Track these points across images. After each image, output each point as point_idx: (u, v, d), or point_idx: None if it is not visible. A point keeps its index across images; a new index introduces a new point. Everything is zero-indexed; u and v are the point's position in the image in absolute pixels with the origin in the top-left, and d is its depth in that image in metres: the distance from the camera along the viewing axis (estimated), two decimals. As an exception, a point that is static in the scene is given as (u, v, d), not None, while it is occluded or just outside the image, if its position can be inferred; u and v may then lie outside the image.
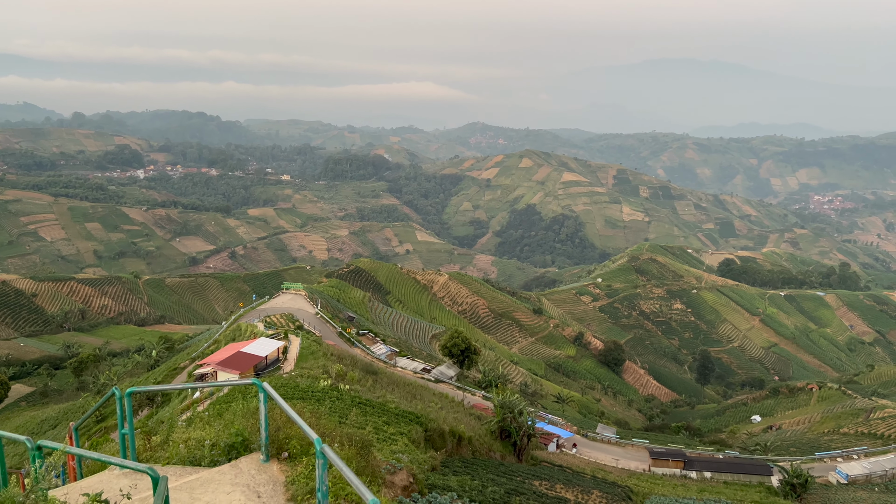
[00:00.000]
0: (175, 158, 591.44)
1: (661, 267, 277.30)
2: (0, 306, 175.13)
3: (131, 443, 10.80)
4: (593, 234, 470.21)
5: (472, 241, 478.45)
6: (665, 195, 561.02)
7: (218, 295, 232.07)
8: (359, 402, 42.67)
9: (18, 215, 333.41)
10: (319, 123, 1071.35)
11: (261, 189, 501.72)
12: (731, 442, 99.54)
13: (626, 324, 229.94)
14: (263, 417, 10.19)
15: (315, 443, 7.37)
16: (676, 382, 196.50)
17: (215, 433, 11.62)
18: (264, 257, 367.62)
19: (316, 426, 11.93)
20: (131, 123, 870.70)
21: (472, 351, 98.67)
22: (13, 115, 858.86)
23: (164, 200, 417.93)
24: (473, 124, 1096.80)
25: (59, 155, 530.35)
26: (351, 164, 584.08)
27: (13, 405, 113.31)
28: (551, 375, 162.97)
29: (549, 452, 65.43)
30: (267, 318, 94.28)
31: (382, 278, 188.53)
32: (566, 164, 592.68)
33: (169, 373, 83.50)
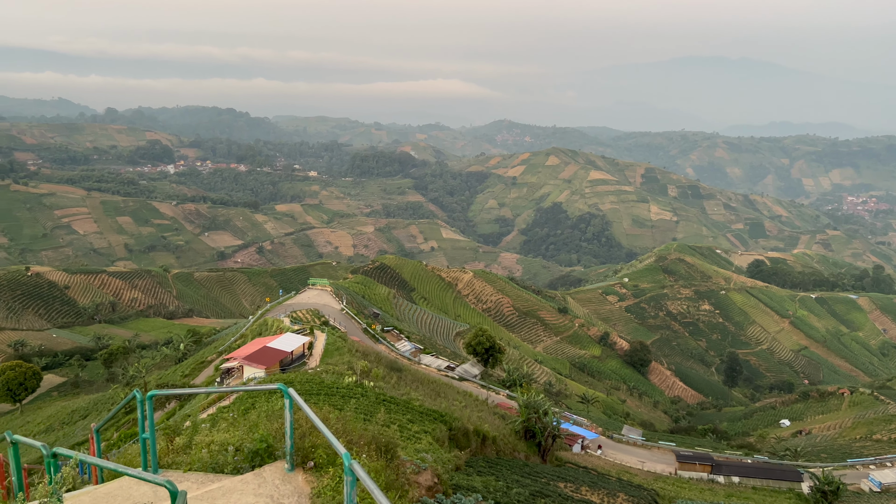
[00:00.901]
0: (205, 154, 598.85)
1: (689, 267, 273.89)
2: (34, 298, 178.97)
3: (152, 448, 10.47)
4: (620, 233, 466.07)
5: (498, 239, 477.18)
6: (694, 194, 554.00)
7: (245, 289, 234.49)
8: (383, 400, 42.64)
9: (53, 209, 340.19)
10: (347, 120, 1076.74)
11: (288, 185, 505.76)
12: (760, 446, 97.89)
13: (653, 324, 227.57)
14: (289, 425, 9.81)
15: (343, 458, 7.02)
16: (703, 384, 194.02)
17: (239, 437, 11.35)
18: (291, 253, 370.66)
19: (343, 432, 11.51)
20: (162, 119, 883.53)
21: (497, 349, 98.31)
22: (48, 110, 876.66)
23: (194, 195, 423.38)
24: (500, 122, 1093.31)
25: (92, 150, 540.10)
26: (377, 160, 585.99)
27: (45, 395, 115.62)
28: (576, 375, 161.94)
29: (573, 453, 64.90)
30: (293, 313, 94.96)
31: (407, 275, 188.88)
32: (593, 162, 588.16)
33: (196, 366, 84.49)
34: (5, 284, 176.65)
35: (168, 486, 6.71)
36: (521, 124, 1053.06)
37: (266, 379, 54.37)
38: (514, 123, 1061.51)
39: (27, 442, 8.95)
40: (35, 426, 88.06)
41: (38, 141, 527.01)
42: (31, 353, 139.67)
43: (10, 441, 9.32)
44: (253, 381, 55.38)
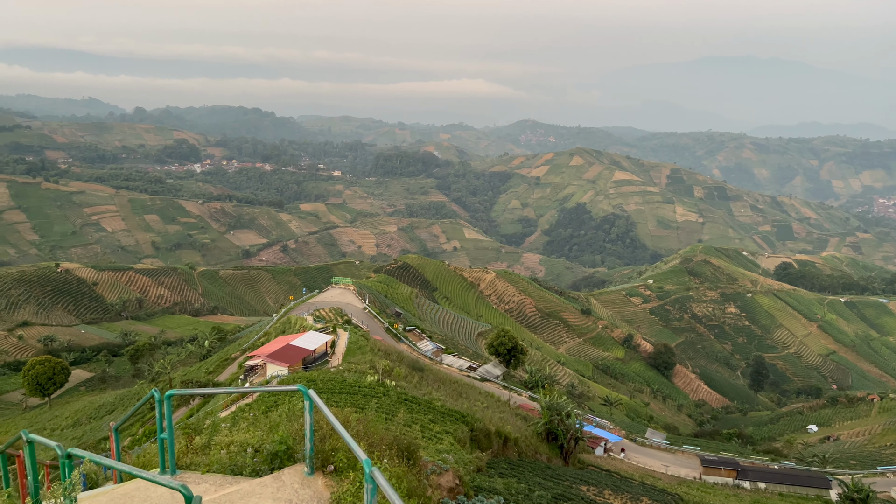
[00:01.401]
0: (231, 153, 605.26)
1: (715, 269, 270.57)
2: (63, 294, 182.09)
3: (170, 448, 10.31)
4: (645, 234, 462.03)
5: (520, 240, 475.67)
6: (720, 196, 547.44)
7: (269, 287, 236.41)
8: (405, 399, 42.57)
9: (82, 206, 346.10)
10: (371, 120, 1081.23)
11: (313, 184, 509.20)
12: (787, 452, 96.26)
13: (678, 327, 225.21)
14: (309, 427, 9.60)
15: (364, 465, 6.84)
16: (728, 388, 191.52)
17: (259, 438, 11.15)
18: (315, 251, 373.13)
19: (363, 434, 11.27)
20: (189, 118, 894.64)
21: (519, 350, 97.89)
22: (79, 109, 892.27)
23: (220, 194, 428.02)
24: (524, 121, 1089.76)
25: (120, 149, 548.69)
26: (401, 160, 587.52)
27: (73, 389, 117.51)
28: (599, 377, 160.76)
29: (596, 456, 64.32)
30: (316, 311, 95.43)
31: (429, 275, 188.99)
32: (618, 162, 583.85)
33: (220, 363, 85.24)
34: (36, 281, 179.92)
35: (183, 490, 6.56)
36: (545, 124, 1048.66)
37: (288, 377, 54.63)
38: (538, 123, 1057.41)
39: (43, 441, 8.71)
40: (63, 420, 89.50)
41: (69, 140, 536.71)
42: (59, 349, 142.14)
43: (26, 440, 9.17)
44: (276, 378, 55.68)
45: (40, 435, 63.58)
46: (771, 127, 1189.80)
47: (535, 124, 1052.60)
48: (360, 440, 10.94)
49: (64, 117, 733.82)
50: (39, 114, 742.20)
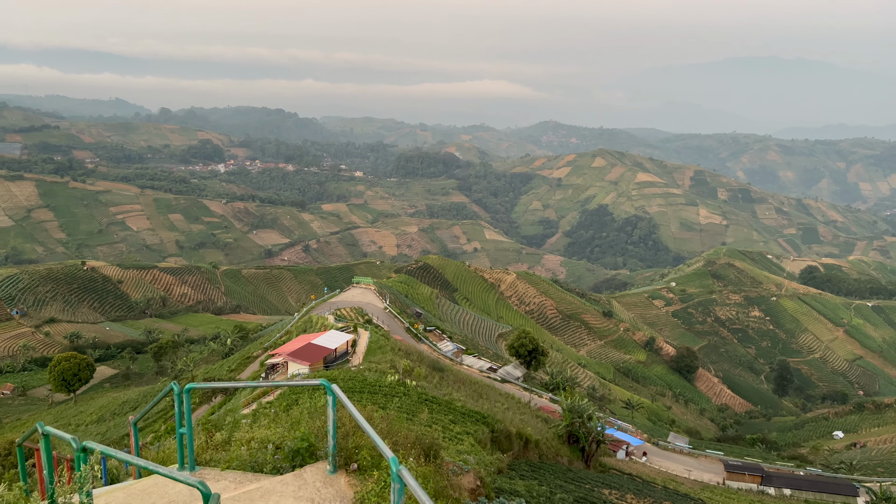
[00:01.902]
0: (254, 153, 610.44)
1: (739, 272, 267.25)
2: (89, 291, 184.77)
3: (189, 444, 10.11)
4: (667, 236, 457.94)
5: (541, 241, 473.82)
6: (744, 198, 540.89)
7: (291, 287, 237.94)
8: (425, 400, 42.46)
9: (108, 205, 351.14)
10: (392, 121, 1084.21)
11: (334, 185, 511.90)
12: (813, 458, 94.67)
13: (700, 330, 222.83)
14: (331, 424, 9.32)
15: (391, 463, 6.61)
16: (752, 393, 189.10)
17: (280, 434, 10.93)
18: (336, 251, 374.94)
19: (387, 432, 11.03)
20: (214, 119, 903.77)
21: (540, 352, 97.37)
22: (106, 110, 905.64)
23: (243, 194, 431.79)
24: (545, 123, 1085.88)
25: (146, 148, 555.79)
26: (422, 161, 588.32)
27: (98, 386, 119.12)
28: (620, 380, 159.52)
29: (617, 460, 63.72)
30: (337, 310, 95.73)
31: (450, 275, 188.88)
32: (641, 163, 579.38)
33: (242, 361, 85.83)
34: (62, 278, 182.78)
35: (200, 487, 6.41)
36: (567, 125, 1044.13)
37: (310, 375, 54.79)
38: (559, 124, 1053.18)
39: (58, 434, 8.44)
40: (88, 416, 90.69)
41: (96, 140, 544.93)
42: (85, 345, 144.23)
43: (42, 433, 8.98)
44: (297, 376, 55.89)
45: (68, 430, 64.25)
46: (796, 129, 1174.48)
47: (557, 125, 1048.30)
48: (385, 438, 10.66)
49: (91, 117, 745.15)
50: (67, 114, 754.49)
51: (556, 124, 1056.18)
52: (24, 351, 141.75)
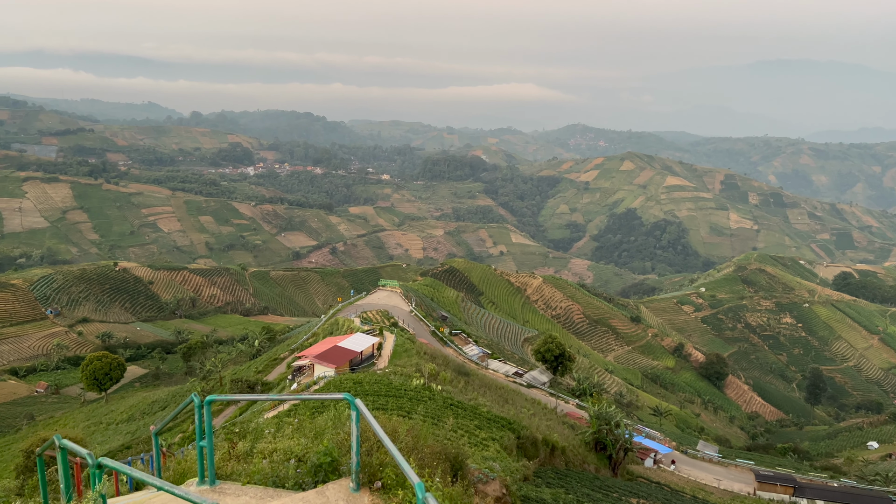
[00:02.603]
0: (283, 156, 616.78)
1: (771, 278, 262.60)
2: (121, 292, 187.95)
3: (209, 456, 9.76)
4: (697, 241, 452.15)
5: (568, 245, 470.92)
6: (776, 202, 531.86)
7: (318, 289, 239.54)
8: (451, 404, 42.25)
9: (140, 207, 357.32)
10: (419, 124, 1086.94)
11: (362, 188, 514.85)
12: (847, 469, 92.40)
13: (730, 336, 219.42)
14: (355, 440, 8.89)
15: (417, 489, 6.37)
16: (783, 401, 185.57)
17: (304, 446, 10.71)
18: (363, 254, 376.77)
19: (413, 447, 10.70)
20: (243, 122, 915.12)
21: (567, 357, 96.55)
22: (139, 113, 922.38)
23: (272, 196, 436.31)
24: (573, 126, 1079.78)
25: (177, 151, 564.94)
26: (448, 164, 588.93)
27: (128, 385, 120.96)
28: (648, 387, 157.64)
29: (645, 468, 62.82)
30: (363, 313, 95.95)
31: (476, 279, 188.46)
32: (670, 167, 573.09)
33: (269, 363, 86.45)
34: (95, 279, 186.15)
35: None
36: (595, 128, 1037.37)
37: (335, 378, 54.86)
38: (587, 127, 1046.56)
39: (74, 448, 8.22)
40: (118, 415, 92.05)
41: (129, 143, 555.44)
42: (116, 345, 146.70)
43: (59, 446, 8.78)
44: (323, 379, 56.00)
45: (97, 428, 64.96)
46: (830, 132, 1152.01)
47: (585, 128, 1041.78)
48: (410, 454, 10.41)
49: (125, 121, 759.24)
50: (102, 117, 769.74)
51: (584, 127, 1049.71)
52: (58, 350, 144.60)
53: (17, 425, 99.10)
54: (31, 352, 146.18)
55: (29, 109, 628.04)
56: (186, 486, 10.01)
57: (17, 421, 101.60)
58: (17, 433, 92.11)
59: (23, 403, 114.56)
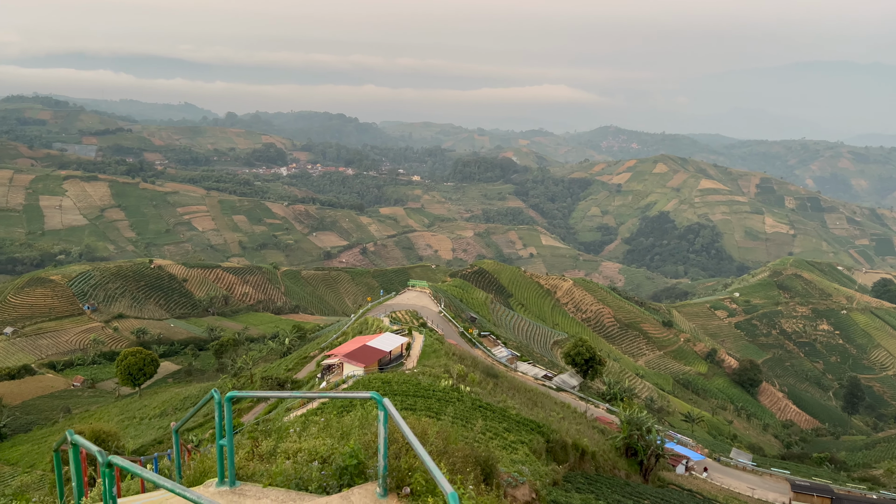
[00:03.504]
0: (315, 157, 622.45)
1: (807, 284, 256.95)
2: (156, 289, 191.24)
3: (230, 456, 9.24)
4: (731, 245, 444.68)
5: (599, 248, 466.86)
6: (814, 207, 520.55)
7: (348, 288, 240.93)
8: (479, 406, 41.96)
9: (176, 206, 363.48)
10: (451, 126, 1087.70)
11: (392, 189, 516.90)
12: (886, 481, 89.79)
13: (765, 342, 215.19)
14: (382, 442, 8.41)
15: (450, 500, 6.06)
16: (819, 409, 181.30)
17: (329, 447, 10.27)
18: (392, 254, 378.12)
19: (443, 451, 10.26)
20: (277, 123, 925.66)
21: (597, 361, 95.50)
22: (175, 114, 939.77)
23: (304, 197, 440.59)
24: (605, 128, 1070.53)
25: (212, 151, 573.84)
26: (479, 166, 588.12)
27: (161, 381, 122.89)
28: (679, 392, 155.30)
29: (677, 474, 61.77)
30: (392, 313, 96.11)
31: (505, 281, 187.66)
32: (704, 170, 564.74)
33: (299, 361, 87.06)
34: (131, 276, 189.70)
35: None
36: (628, 130, 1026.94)
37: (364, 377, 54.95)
38: (620, 129, 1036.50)
39: (86, 445, 7.70)
40: (151, 410, 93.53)
41: (165, 143, 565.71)
42: (150, 341, 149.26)
43: (71, 442, 8.38)
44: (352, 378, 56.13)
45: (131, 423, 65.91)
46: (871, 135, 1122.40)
47: (618, 130, 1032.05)
48: (440, 458, 9.97)
49: (162, 121, 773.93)
50: (140, 118, 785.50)
51: (617, 129, 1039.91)
52: (94, 345, 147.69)
53: (54, 418, 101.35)
54: (69, 346, 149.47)
55: (70, 110, 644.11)
56: (206, 486, 9.62)
57: (55, 414, 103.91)
58: (54, 426, 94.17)
59: (60, 396, 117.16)
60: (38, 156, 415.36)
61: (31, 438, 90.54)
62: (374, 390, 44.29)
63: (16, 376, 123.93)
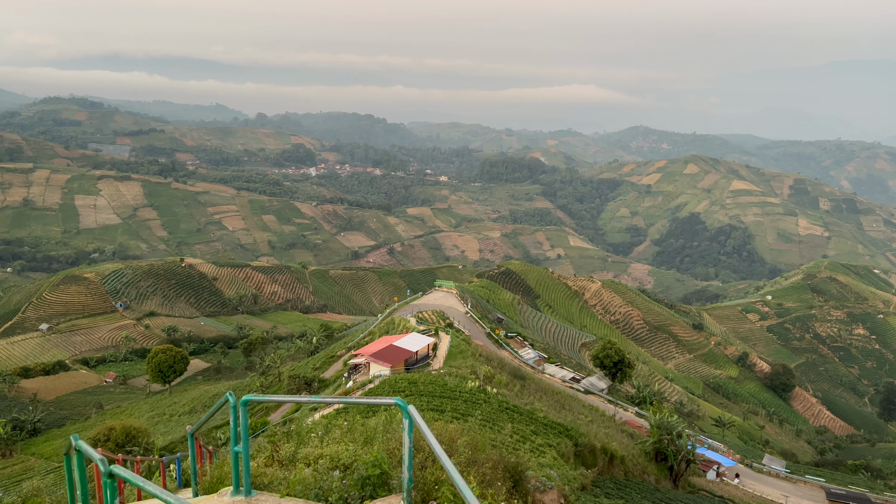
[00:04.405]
0: (343, 158, 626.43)
1: (842, 287, 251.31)
2: (186, 287, 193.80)
3: (245, 464, 8.63)
4: (763, 247, 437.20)
5: (628, 249, 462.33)
6: (849, 209, 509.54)
7: (375, 288, 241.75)
8: (506, 408, 41.52)
9: (207, 206, 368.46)
10: (478, 126, 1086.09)
11: (420, 189, 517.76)
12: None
13: (798, 347, 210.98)
14: (407, 452, 7.76)
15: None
16: (854, 415, 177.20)
17: (352, 453, 9.64)
18: (419, 255, 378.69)
19: (473, 461, 9.60)
20: (306, 124, 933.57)
21: (626, 364, 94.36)
22: (207, 115, 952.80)
23: (332, 197, 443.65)
24: (635, 128, 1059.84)
25: (243, 152, 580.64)
26: (506, 166, 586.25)
27: (191, 378, 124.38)
28: (710, 396, 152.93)
29: (707, 480, 60.58)
30: (419, 313, 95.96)
31: (532, 282, 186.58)
32: (736, 171, 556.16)
33: (327, 360, 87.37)
34: (162, 274, 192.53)
35: None
36: (658, 131, 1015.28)
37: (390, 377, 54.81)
38: (650, 130, 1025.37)
39: (89, 452, 7.21)
40: (181, 407, 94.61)
41: (197, 143, 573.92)
42: (181, 339, 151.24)
43: (74, 448, 7.85)
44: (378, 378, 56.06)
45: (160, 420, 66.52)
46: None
47: (648, 131, 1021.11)
48: (469, 469, 9.34)
49: (193, 122, 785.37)
50: (172, 118, 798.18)
51: (647, 129, 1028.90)
52: (126, 342, 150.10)
53: (86, 413, 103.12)
54: (101, 343, 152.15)
55: (105, 111, 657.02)
56: (220, 495, 9.13)
57: (87, 409, 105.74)
58: (86, 421, 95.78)
59: (92, 393, 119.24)
60: (73, 156, 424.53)
61: (65, 434, 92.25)
62: (401, 390, 44.08)
63: (50, 372, 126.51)
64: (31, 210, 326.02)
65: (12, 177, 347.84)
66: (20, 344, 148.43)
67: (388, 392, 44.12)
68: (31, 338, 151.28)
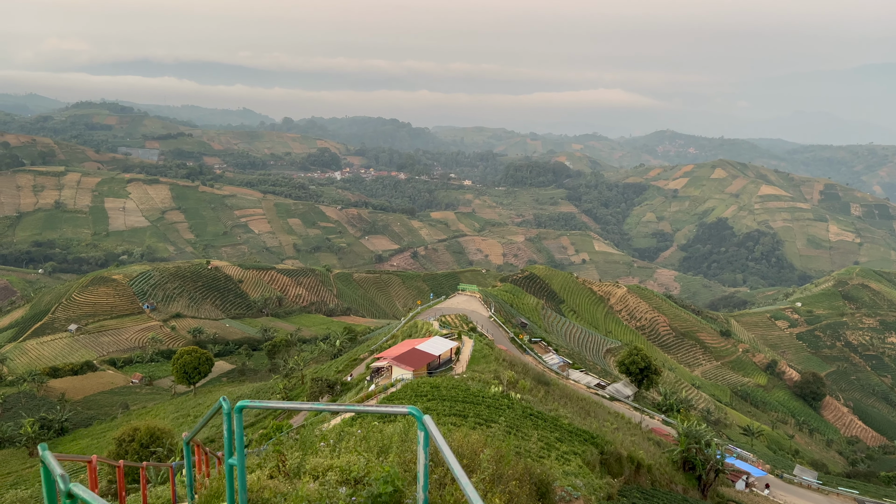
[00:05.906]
0: (368, 162, 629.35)
1: (875, 294, 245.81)
2: (212, 290, 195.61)
3: (241, 479, 7.62)
4: (793, 253, 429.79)
5: (654, 254, 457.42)
6: (882, 214, 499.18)
7: (399, 291, 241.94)
8: (530, 414, 40.80)
9: (233, 209, 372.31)
10: (503, 130, 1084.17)
11: (443, 193, 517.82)
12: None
13: (828, 355, 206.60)
14: (422, 469, 6.86)
15: None
16: (887, 425, 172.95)
17: (364, 463, 8.75)
18: (443, 258, 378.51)
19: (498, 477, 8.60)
20: (332, 128, 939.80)
21: (653, 370, 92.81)
22: (234, 119, 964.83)
23: (357, 201, 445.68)
24: (661, 132, 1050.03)
25: (269, 156, 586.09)
26: (531, 170, 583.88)
27: (216, 380, 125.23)
28: (737, 404, 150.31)
29: (736, 491, 59.14)
30: (442, 317, 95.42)
31: (557, 286, 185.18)
32: (764, 175, 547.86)
33: (349, 363, 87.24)
34: (189, 276, 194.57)
35: None
36: (685, 135, 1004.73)
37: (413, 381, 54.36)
38: (677, 134, 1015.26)
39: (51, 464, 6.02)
40: (205, 408, 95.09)
41: (224, 147, 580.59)
42: (206, 340, 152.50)
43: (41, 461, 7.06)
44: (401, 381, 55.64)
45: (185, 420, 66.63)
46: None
47: (674, 135, 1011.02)
48: (494, 486, 8.48)
49: (221, 126, 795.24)
50: (200, 123, 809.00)
51: (674, 133, 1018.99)
52: (153, 343, 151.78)
53: (113, 413, 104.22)
54: (129, 344, 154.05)
55: (135, 115, 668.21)
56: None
57: (114, 409, 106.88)
58: (112, 421, 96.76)
59: (119, 393, 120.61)
60: (104, 159, 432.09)
61: (91, 433, 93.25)
62: (423, 395, 43.59)
63: (78, 372, 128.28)
64: (63, 212, 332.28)
65: (45, 180, 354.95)
66: (49, 344, 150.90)
67: (410, 396, 43.65)
68: (61, 338, 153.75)
